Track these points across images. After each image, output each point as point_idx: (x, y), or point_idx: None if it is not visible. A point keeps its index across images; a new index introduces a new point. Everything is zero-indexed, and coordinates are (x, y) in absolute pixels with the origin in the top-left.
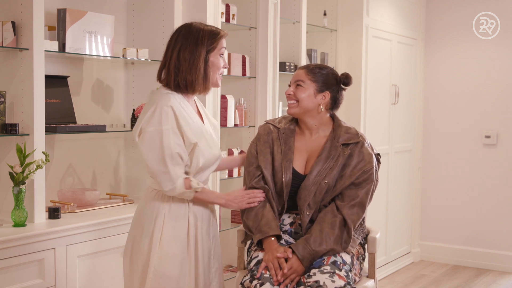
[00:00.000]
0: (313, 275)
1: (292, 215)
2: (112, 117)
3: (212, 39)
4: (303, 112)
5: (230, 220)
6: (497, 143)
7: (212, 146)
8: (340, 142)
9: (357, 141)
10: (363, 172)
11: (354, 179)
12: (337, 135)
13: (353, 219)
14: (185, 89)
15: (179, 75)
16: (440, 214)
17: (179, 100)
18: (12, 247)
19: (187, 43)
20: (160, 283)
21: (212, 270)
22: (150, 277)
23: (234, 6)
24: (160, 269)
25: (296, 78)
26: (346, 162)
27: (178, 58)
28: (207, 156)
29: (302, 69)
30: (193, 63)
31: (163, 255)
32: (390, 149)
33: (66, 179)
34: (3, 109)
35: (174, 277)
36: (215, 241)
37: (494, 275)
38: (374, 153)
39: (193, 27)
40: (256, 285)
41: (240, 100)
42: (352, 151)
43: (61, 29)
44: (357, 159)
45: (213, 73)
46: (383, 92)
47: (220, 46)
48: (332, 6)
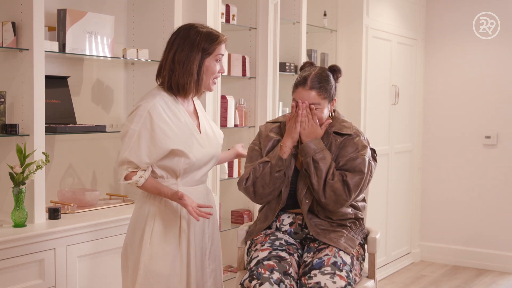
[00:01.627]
0: (314, 276)
1: (291, 215)
2: (112, 118)
3: (209, 44)
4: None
5: (230, 220)
6: (497, 143)
7: (205, 145)
8: (332, 130)
9: (350, 133)
10: (352, 158)
11: (342, 164)
12: (331, 125)
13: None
14: (177, 92)
15: (173, 77)
16: (440, 215)
17: (166, 100)
18: (12, 247)
19: (183, 46)
20: (151, 280)
21: (207, 270)
22: (141, 274)
23: (234, 7)
24: (150, 267)
25: (310, 101)
26: (339, 152)
27: (173, 61)
28: (198, 155)
29: (310, 89)
30: (187, 67)
31: (153, 253)
32: (390, 150)
33: (66, 180)
34: (3, 109)
35: (165, 275)
36: (212, 241)
37: (494, 275)
38: (369, 147)
39: (192, 30)
40: (256, 285)
41: (240, 100)
42: (346, 142)
43: (61, 30)
44: (351, 148)
45: (206, 78)
46: (383, 92)
47: (217, 51)
48: (332, 6)
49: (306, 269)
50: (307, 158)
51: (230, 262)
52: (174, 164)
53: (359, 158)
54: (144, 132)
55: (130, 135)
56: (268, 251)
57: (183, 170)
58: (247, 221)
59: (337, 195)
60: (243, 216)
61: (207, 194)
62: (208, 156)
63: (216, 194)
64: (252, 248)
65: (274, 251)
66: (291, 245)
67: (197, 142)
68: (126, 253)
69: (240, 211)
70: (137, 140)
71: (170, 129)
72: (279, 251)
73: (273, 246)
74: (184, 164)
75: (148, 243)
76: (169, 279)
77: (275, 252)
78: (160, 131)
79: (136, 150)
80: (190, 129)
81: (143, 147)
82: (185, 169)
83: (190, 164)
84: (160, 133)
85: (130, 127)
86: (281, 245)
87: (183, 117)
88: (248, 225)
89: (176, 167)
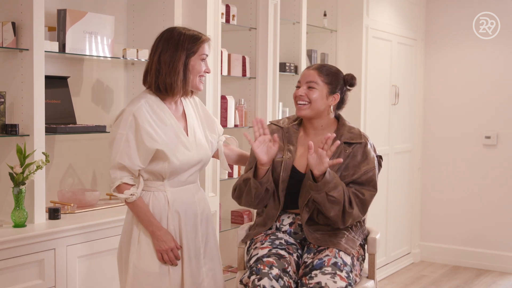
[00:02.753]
0: (315, 276)
1: (291, 215)
2: (112, 118)
3: (193, 43)
4: (314, 114)
5: (230, 220)
6: (497, 143)
7: (192, 148)
8: (342, 140)
9: (360, 141)
10: (365, 172)
11: (356, 177)
12: (340, 134)
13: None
14: (165, 92)
15: (159, 78)
16: (440, 215)
17: (151, 103)
18: (12, 247)
19: (167, 47)
20: (140, 279)
21: (202, 269)
22: (130, 273)
23: (234, 7)
24: (139, 266)
25: (307, 78)
26: (349, 162)
27: (159, 61)
28: (182, 158)
29: (313, 69)
30: (173, 67)
31: (141, 251)
32: (390, 150)
33: (66, 180)
34: (3, 109)
35: (154, 274)
36: (206, 240)
37: (494, 275)
38: (376, 155)
39: (175, 31)
40: (254, 280)
41: (240, 100)
42: (355, 151)
43: (61, 30)
44: (361, 159)
45: (193, 77)
46: (383, 92)
47: (201, 51)
48: (332, 6)
49: (307, 269)
50: (320, 193)
51: (230, 262)
52: (159, 168)
53: (371, 171)
54: (131, 135)
55: (118, 139)
56: (268, 249)
57: (169, 173)
58: (247, 221)
59: (356, 219)
60: (243, 216)
61: (196, 193)
62: (194, 160)
63: (216, 194)
64: (252, 246)
65: (274, 249)
66: (291, 245)
67: (182, 145)
68: (121, 254)
69: (240, 211)
70: (127, 143)
71: (154, 131)
72: (279, 250)
73: (273, 244)
74: (169, 168)
75: (136, 243)
76: (158, 277)
77: (275, 250)
78: (146, 133)
79: (127, 152)
80: (176, 131)
81: (133, 149)
82: (170, 172)
83: (174, 168)
84: (145, 135)
85: (118, 131)
86: (281, 244)
87: (169, 120)
88: (248, 225)
89: (161, 170)
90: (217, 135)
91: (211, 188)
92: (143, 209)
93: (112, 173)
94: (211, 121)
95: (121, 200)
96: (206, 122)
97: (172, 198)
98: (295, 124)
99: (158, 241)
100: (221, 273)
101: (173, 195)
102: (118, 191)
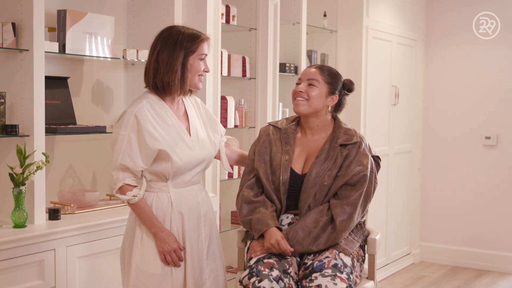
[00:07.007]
0: (315, 279)
1: (290, 215)
2: (112, 118)
3: (191, 42)
4: (312, 111)
5: (230, 221)
6: (497, 144)
7: (195, 148)
8: (338, 143)
9: (355, 141)
10: (357, 173)
11: (348, 179)
12: (336, 136)
13: (342, 219)
14: (162, 91)
15: (157, 76)
16: (440, 215)
17: (152, 104)
18: (12, 248)
19: (166, 45)
20: (142, 280)
21: (205, 270)
22: (132, 274)
23: (234, 7)
24: (141, 267)
25: (309, 76)
26: (343, 162)
27: (157, 60)
28: (185, 158)
29: (315, 68)
30: (170, 65)
31: (144, 252)
32: (390, 150)
33: (66, 180)
34: (3, 110)
35: (156, 275)
36: (210, 241)
37: (494, 276)
38: (372, 155)
39: (174, 30)
40: (255, 282)
41: (240, 101)
42: (350, 151)
43: (61, 30)
44: (353, 160)
45: (191, 76)
46: (383, 93)
47: (200, 50)
48: (332, 7)
49: (307, 271)
50: (305, 249)
51: (230, 262)
52: (162, 168)
53: (363, 172)
54: (133, 135)
55: (120, 140)
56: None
57: (172, 174)
58: None
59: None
60: None
61: (200, 194)
62: (197, 159)
63: (216, 195)
64: None
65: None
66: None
67: (185, 145)
68: (123, 254)
69: None
70: (129, 144)
71: (156, 131)
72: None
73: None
74: (172, 168)
75: (139, 243)
76: (161, 278)
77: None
78: (148, 133)
79: (129, 153)
80: (178, 131)
81: (135, 150)
82: (174, 172)
83: (177, 168)
84: (147, 136)
85: (120, 133)
86: None
87: (170, 119)
88: None
89: (164, 171)
90: (219, 135)
91: (211, 188)
92: (145, 211)
93: (115, 175)
94: (213, 121)
95: (124, 201)
96: (208, 123)
97: (175, 199)
98: (293, 125)
99: (161, 242)
100: (223, 275)
101: (177, 196)
102: (120, 193)
